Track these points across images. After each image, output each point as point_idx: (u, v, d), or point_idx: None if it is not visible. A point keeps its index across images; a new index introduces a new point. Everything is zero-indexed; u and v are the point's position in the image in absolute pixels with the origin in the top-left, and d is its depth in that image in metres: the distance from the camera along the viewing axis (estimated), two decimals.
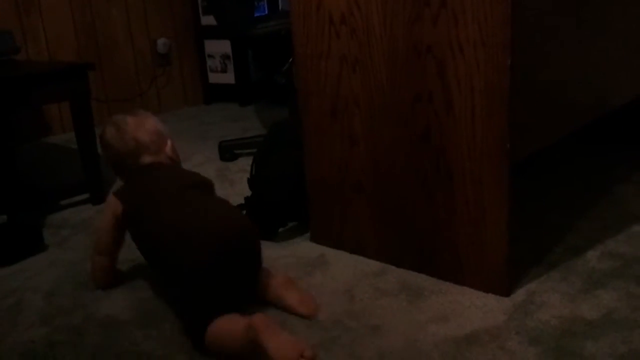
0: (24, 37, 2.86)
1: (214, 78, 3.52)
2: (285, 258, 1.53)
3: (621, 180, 1.88)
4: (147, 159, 1.45)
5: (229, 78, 3.46)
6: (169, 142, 1.50)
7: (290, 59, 2.21)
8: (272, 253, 1.56)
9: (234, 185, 2.08)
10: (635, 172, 1.93)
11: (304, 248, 1.58)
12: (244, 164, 2.27)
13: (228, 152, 2.39)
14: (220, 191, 2.01)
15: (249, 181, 1.75)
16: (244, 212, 1.70)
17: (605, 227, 1.58)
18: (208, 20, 3.29)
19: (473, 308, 1.25)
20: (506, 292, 1.28)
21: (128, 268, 1.52)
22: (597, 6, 1.46)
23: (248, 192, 1.74)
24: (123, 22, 3.20)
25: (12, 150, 1.72)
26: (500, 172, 1.22)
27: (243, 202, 1.73)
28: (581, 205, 1.72)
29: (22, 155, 2.58)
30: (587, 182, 1.90)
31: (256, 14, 3.02)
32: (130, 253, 1.49)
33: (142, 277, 1.47)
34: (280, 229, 1.67)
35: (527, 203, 1.76)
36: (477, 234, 1.29)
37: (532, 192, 1.86)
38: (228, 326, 1.13)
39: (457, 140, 1.27)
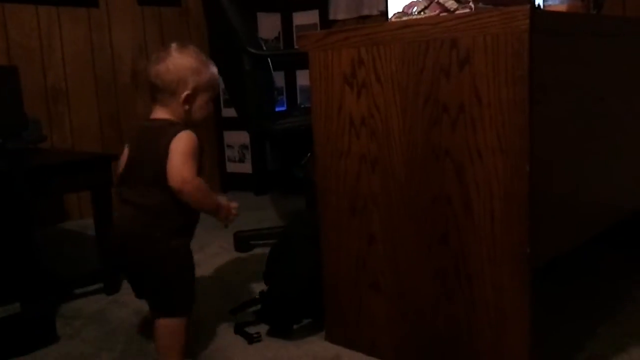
0: (50, 125, 2.95)
1: (231, 167, 3.58)
2: (300, 358, 1.50)
3: None
4: (156, 112, 1.48)
5: (246, 167, 3.52)
6: (184, 94, 1.39)
7: (309, 154, 2.25)
8: (286, 352, 1.52)
9: (248, 278, 2.07)
10: None
11: (318, 347, 1.55)
12: (260, 255, 2.26)
13: (243, 242, 2.39)
14: (234, 283, 2.00)
15: (265, 275, 1.74)
16: (259, 306, 1.68)
17: (629, 334, 1.53)
18: (228, 112, 3.39)
19: None
20: None
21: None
22: (616, 113, 1.49)
23: (263, 286, 1.72)
24: (148, 112, 3.28)
25: (32, 238, 1.73)
26: (521, 278, 1.21)
27: (258, 296, 1.72)
28: (604, 311, 1.68)
29: (38, 240, 2.59)
30: (611, 287, 1.86)
31: (276, 109, 3.10)
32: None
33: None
34: (295, 326, 1.64)
35: (549, 308, 1.72)
36: (497, 339, 1.26)
37: (554, 296, 1.82)
38: None
39: (477, 243, 1.26)
